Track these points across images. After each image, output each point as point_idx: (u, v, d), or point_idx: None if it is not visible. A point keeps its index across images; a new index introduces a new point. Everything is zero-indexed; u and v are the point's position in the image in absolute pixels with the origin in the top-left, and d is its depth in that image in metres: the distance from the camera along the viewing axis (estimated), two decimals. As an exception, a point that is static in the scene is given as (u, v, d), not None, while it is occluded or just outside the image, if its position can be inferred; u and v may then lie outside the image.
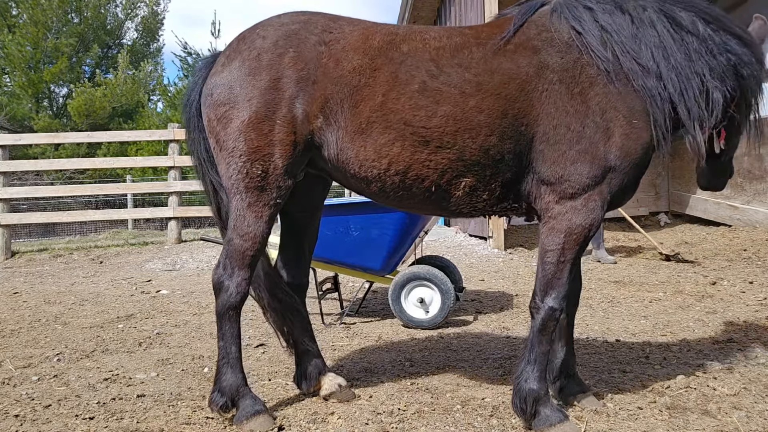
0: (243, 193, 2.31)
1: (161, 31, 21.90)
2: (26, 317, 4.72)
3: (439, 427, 2.35)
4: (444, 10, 9.96)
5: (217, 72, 2.37)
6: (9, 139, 8.93)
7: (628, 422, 2.34)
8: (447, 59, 2.25)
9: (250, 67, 2.29)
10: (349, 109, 2.26)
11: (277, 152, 2.28)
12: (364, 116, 2.24)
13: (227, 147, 2.31)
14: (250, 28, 2.45)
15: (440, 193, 2.32)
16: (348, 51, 2.29)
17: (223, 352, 2.41)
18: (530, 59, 2.23)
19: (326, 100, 2.27)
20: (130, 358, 3.49)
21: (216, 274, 2.40)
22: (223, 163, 2.35)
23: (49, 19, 17.59)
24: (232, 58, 2.35)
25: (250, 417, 2.35)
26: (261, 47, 2.31)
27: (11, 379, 3.12)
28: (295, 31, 2.33)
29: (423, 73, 2.23)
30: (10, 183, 9.15)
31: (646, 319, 4.09)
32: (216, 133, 2.34)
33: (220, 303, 2.38)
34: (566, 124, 2.19)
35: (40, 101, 18.43)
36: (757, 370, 2.91)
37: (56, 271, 7.42)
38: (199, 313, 4.72)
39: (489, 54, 2.25)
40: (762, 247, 6.94)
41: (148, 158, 11.06)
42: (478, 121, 2.20)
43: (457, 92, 2.21)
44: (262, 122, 2.26)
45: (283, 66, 2.27)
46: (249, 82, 2.28)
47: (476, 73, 2.22)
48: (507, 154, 2.24)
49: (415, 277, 4.02)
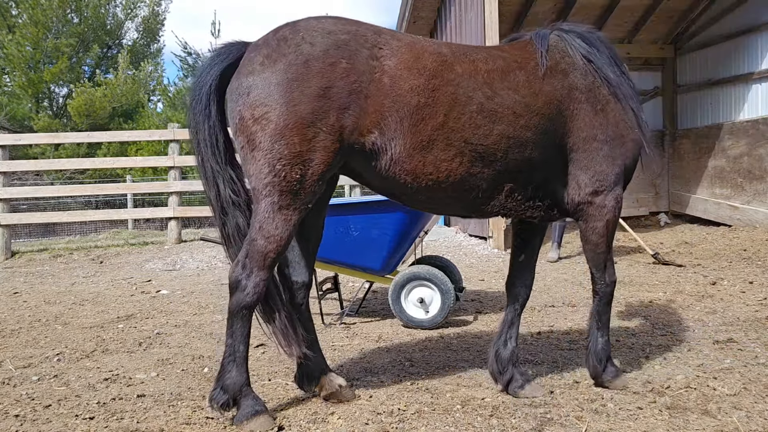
0: (276, 195, 2.29)
1: (162, 32, 21.89)
2: (26, 317, 4.72)
3: (439, 427, 2.35)
4: (444, 10, 9.96)
5: (255, 71, 2.32)
6: (9, 139, 8.92)
7: (628, 422, 2.34)
8: (498, 82, 2.50)
9: (298, 72, 2.27)
10: (410, 127, 2.36)
11: (318, 158, 2.29)
12: (426, 134, 2.38)
13: (263, 147, 2.27)
14: (287, 28, 2.40)
15: (482, 199, 2.59)
16: (402, 70, 2.37)
17: (231, 349, 2.40)
18: (562, 82, 2.60)
19: (382, 116, 2.34)
20: (130, 358, 3.49)
21: (234, 273, 2.37)
22: (256, 163, 2.30)
23: (49, 19, 17.58)
24: (275, 60, 2.30)
25: (250, 417, 2.36)
26: (309, 53, 2.29)
27: (11, 379, 3.12)
28: (346, 41, 2.34)
29: (480, 95, 2.45)
30: (10, 183, 9.15)
31: (646, 319, 4.08)
32: (250, 133, 2.30)
33: (235, 301, 2.36)
34: (594, 136, 2.62)
35: (40, 101, 18.42)
36: (757, 370, 2.91)
37: (56, 271, 7.42)
38: (199, 313, 4.72)
39: (531, 77, 2.56)
40: (762, 247, 6.94)
41: (148, 158, 11.05)
42: (526, 137, 2.51)
43: (510, 113, 2.48)
44: (307, 128, 2.25)
45: (335, 76, 2.28)
46: (296, 87, 2.26)
47: (524, 95, 2.51)
48: (544, 163, 2.59)
49: (415, 277, 4.02)
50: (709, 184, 9.63)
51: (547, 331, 3.85)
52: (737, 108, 9.23)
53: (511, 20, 10.11)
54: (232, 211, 2.46)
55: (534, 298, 4.92)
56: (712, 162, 9.61)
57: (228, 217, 2.47)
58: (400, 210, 3.92)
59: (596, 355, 2.75)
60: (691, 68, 10.33)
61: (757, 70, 8.77)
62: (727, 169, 9.23)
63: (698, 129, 10.04)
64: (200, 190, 17.08)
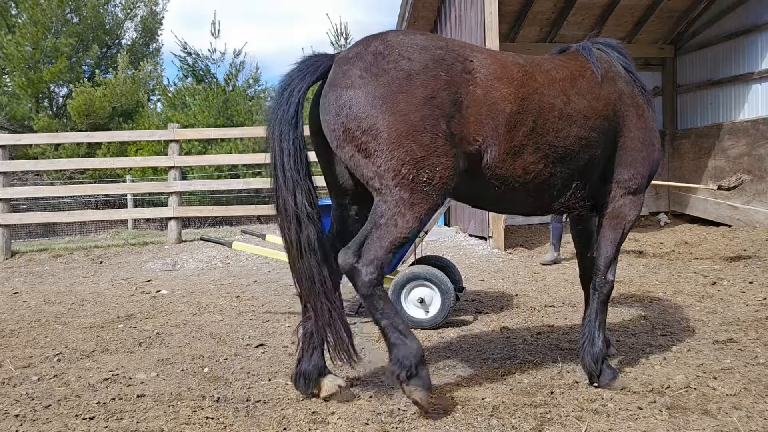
0: (407, 193, 2.36)
1: (160, 31, 21.85)
2: (26, 317, 4.72)
3: (439, 427, 2.35)
4: (444, 10, 9.96)
5: (355, 85, 2.39)
6: (9, 139, 8.92)
7: (628, 422, 2.34)
8: (569, 89, 2.72)
9: (402, 86, 2.36)
10: (505, 134, 2.52)
11: (443, 162, 2.39)
12: (518, 140, 2.56)
13: (382, 155, 2.34)
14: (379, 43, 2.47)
15: (555, 197, 2.80)
16: (493, 80, 2.53)
17: (390, 327, 2.41)
18: (613, 88, 2.86)
19: (481, 125, 2.48)
20: (130, 358, 3.49)
21: (346, 259, 2.39)
22: (377, 168, 2.36)
23: (49, 18, 17.55)
24: (375, 74, 2.38)
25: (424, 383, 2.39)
26: (411, 69, 2.39)
27: (11, 379, 3.12)
28: (441, 56, 2.46)
29: (559, 101, 2.66)
30: (10, 183, 9.15)
31: (646, 319, 4.09)
32: (361, 143, 2.37)
33: (362, 283, 2.37)
34: (636, 137, 2.87)
35: (39, 101, 18.39)
36: (757, 370, 2.91)
37: (56, 271, 7.42)
38: (199, 313, 4.72)
39: (591, 83, 2.80)
40: (762, 247, 6.94)
41: (148, 158, 11.06)
42: (592, 138, 2.74)
43: (582, 116, 2.71)
44: (422, 134, 2.34)
45: (437, 87, 2.39)
46: (402, 99, 2.35)
47: (589, 100, 2.75)
48: (602, 161, 2.84)
49: (415, 277, 4.02)
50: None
51: (547, 331, 3.86)
52: (737, 108, 9.23)
53: (511, 20, 10.11)
54: (306, 223, 2.48)
55: (534, 298, 4.92)
56: (712, 162, 9.62)
57: (302, 228, 2.48)
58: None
59: (592, 356, 2.76)
60: (691, 68, 10.33)
61: (757, 70, 8.78)
62: (727, 169, 9.23)
63: (698, 129, 10.04)
64: (200, 190, 17.02)
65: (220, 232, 10.11)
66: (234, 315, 4.60)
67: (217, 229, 11.55)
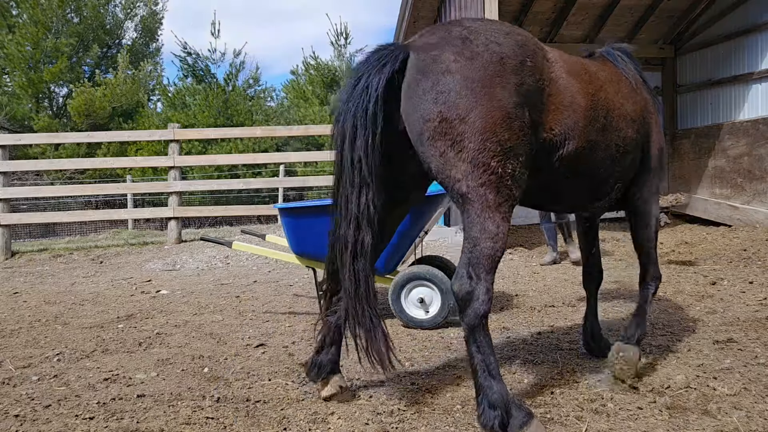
0: (492, 194, 2.19)
1: (160, 31, 21.88)
2: (26, 317, 4.72)
3: (439, 427, 2.35)
4: (444, 10, 9.96)
5: (451, 70, 2.21)
6: (9, 139, 8.92)
7: (628, 422, 2.34)
8: (619, 91, 2.79)
9: (496, 69, 2.22)
10: (583, 128, 2.49)
11: (524, 151, 2.26)
12: (593, 136, 2.55)
13: (474, 147, 2.17)
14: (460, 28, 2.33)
15: (607, 194, 2.86)
16: (567, 73, 2.49)
17: (483, 364, 2.22)
18: (642, 95, 2.98)
19: (561, 115, 2.42)
20: (130, 358, 3.49)
21: (461, 285, 2.21)
22: (466, 164, 2.18)
23: (49, 18, 17.57)
24: (470, 58, 2.22)
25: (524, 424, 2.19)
26: (501, 52, 2.26)
27: (11, 379, 3.12)
28: (524, 42, 2.35)
29: (617, 102, 2.72)
30: (10, 183, 9.15)
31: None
32: (457, 134, 2.18)
33: (472, 313, 2.20)
34: (656, 141, 3.02)
35: (40, 101, 18.41)
36: (757, 370, 2.91)
37: (56, 271, 7.42)
38: (199, 313, 4.72)
39: (630, 89, 2.90)
40: (762, 247, 6.94)
41: (148, 158, 11.06)
42: (637, 140, 2.86)
43: (630, 119, 2.80)
44: (513, 121, 2.20)
45: (524, 73, 2.28)
46: (498, 83, 2.21)
47: (632, 104, 2.84)
48: (637, 162, 2.95)
49: (415, 277, 4.02)
50: (709, 184, 9.63)
51: (547, 331, 3.85)
52: (737, 108, 9.23)
53: (511, 20, 10.10)
54: (366, 226, 2.32)
55: (534, 298, 4.92)
56: (712, 162, 9.61)
57: (360, 230, 2.32)
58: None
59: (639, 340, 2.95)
60: (691, 68, 10.32)
61: (757, 70, 8.77)
62: (727, 169, 9.23)
63: (698, 129, 10.04)
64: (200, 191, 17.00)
65: (220, 232, 10.11)
66: (234, 315, 4.60)
67: (217, 229, 11.55)
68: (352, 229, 2.33)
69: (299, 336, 3.88)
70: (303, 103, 18.81)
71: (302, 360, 3.22)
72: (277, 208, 4.23)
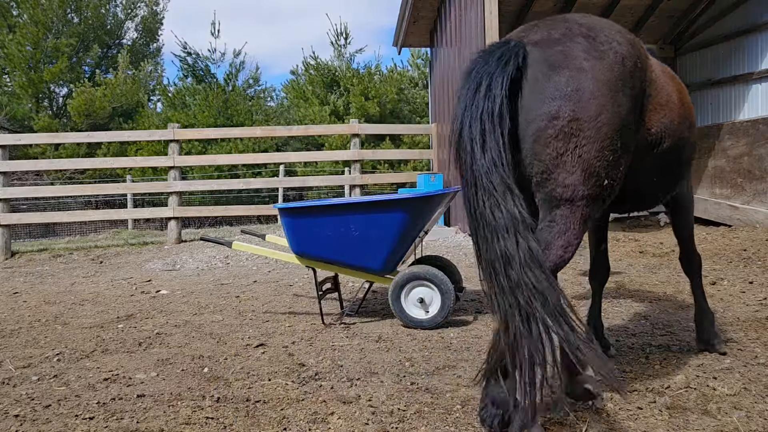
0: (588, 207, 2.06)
1: (161, 31, 21.89)
2: (26, 317, 4.72)
3: (439, 427, 2.35)
4: (444, 10, 9.96)
5: (584, 68, 2.08)
6: (9, 139, 8.92)
7: (628, 422, 2.34)
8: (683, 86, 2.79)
9: (619, 71, 2.12)
10: (676, 126, 2.49)
11: (625, 162, 2.16)
12: (680, 133, 2.55)
13: (591, 153, 2.03)
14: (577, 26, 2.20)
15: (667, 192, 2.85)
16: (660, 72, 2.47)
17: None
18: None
19: (659, 116, 2.37)
20: (130, 358, 3.49)
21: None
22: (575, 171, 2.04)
23: (50, 19, 17.58)
24: (597, 57, 2.11)
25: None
26: (622, 52, 2.15)
27: (11, 379, 3.12)
28: (634, 41, 2.26)
29: (688, 102, 2.73)
30: (10, 183, 9.15)
31: (646, 319, 4.08)
32: (584, 137, 2.04)
33: None
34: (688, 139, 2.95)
35: (40, 101, 18.41)
36: (757, 370, 2.91)
37: (56, 271, 7.42)
38: (199, 313, 4.72)
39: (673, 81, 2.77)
40: (762, 247, 6.93)
41: (148, 158, 11.06)
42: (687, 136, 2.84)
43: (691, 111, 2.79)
44: (627, 128, 2.11)
45: (636, 76, 2.19)
46: (620, 87, 2.11)
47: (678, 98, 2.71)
48: None
49: (415, 277, 4.02)
50: (709, 184, 9.63)
51: (547, 331, 3.85)
52: (737, 108, 9.23)
53: (511, 20, 10.11)
54: (525, 232, 1.98)
55: (534, 298, 4.91)
56: (712, 162, 9.61)
57: (520, 238, 1.97)
58: (401, 210, 3.92)
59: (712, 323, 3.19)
60: (691, 68, 10.32)
61: (757, 70, 8.77)
62: (727, 169, 9.23)
63: (698, 129, 10.02)
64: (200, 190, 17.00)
65: (220, 232, 10.11)
66: (234, 315, 4.60)
67: (217, 229, 11.56)
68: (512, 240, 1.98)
69: (299, 336, 3.88)
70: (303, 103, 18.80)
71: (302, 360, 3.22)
72: (277, 208, 4.23)
